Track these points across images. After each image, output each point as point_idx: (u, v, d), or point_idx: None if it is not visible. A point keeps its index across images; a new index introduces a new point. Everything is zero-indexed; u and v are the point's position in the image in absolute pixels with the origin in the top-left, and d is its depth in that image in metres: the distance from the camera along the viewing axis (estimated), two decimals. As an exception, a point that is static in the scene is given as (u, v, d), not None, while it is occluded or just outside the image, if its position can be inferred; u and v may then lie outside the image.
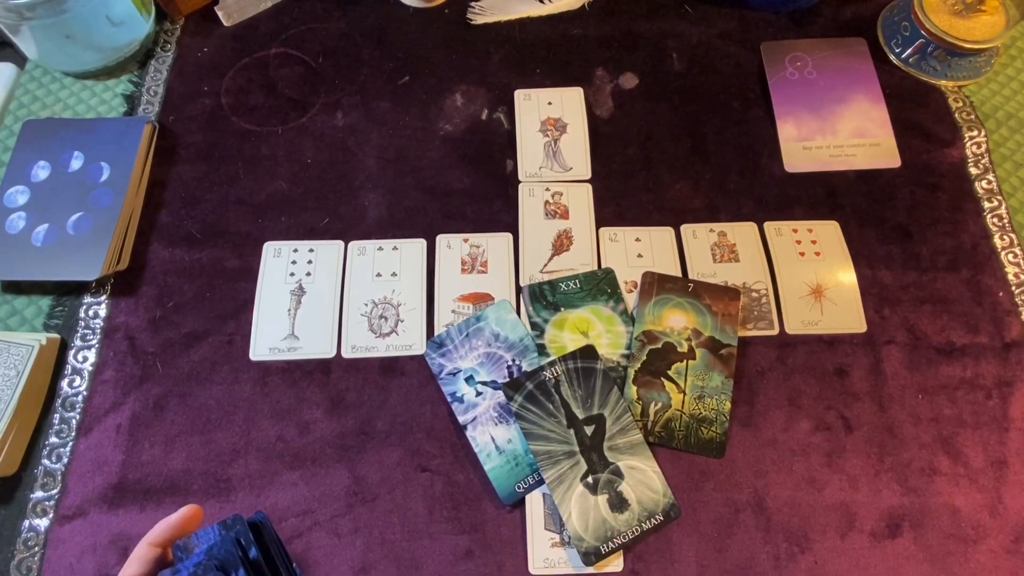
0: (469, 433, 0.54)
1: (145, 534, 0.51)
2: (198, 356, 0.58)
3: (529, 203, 0.64)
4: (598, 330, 0.58)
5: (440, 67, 0.72)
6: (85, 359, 0.58)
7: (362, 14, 0.76)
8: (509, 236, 0.63)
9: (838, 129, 0.68)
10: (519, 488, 0.52)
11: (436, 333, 0.58)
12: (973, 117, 0.69)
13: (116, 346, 0.58)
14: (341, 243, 0.63)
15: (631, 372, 0.56)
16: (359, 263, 0.61)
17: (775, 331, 0.59)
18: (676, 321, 0.58)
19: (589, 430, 0.53)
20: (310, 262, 0.61)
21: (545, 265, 0.61)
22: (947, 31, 0.68)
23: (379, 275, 0.61)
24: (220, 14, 0.74)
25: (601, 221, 0.64)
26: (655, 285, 0.60)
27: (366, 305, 0.60)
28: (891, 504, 0.53)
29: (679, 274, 0.61)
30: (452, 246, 0.62)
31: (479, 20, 0.75)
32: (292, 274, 0.61)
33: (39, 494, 0.53)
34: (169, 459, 0.54)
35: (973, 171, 0.67)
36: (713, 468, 0.54)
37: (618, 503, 0.51)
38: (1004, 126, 0.69)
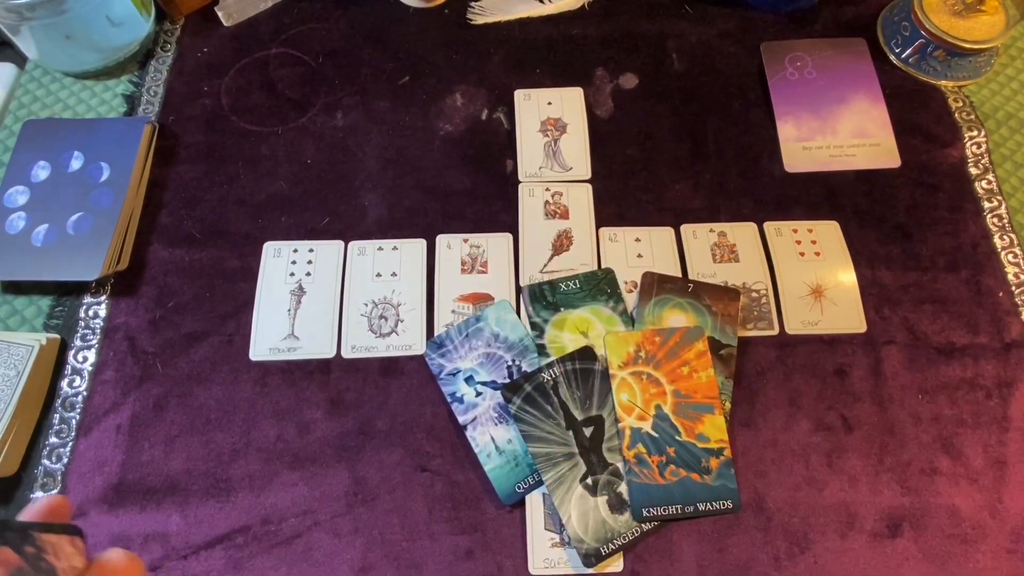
0: (469, 433, 0.54)
1: (145, 534, 0.51)
2: (198, 356, 0.58)
3: (529, 203, 0.64)
4: (598, 331, 0.58)
5: (440, 67, 0.72)
6: (85, 359, 0.58)
7: (362, 14, 0.76)
8: (509, 236, 0.63)
9: (838, 129, 0.68)
10: (519, 488, 0.53)
11: (436, 333, 0.58)
12: (973, 117, 0.69)
13: (116, 346, 0.58)
14: (341, 243, 0.63)
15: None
16: (359, 263, 0.61)
17: (775, 331, 0.59)
18: (676, 322, 0.58)
19: (588, 431, 0.53)
20: (310, 262, 0.61)
21: (545, 265, 0.61)
22: (947, 31, 0.68)
23: (379, 275, 0.61)
24: (220, 14, 0.74)
25: (601, 221, 0.64)
26: (655, 285, 0.60)
27: (366, 305, 0.60)
28: (891, 504, 0.53)
29: (679, 274, 0.61)
30: (452, 246, 0.62)
31: (479, 20, 0.75)
32: (292, 274, 0.61)
33: (39, 494, 0.53)
34: (169, 459, 0.54)
35: (973, 171, 0.67)
36: (713, 468, 0.54)
37: (618, 504, 0.51)
38: (1004, 126, 0.69)
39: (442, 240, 0.63)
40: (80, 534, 0.33)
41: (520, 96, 0.70)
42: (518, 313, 0.59)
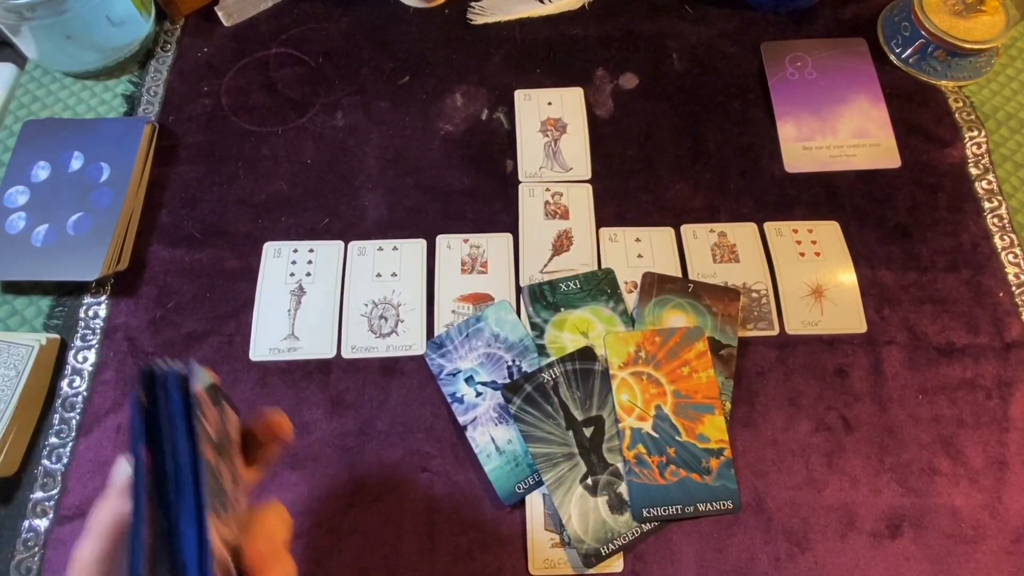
0: (469, 433, 0.54)
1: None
2: (198, 356, 0.58)
3: (529, 203, 0.64)
4: (598, 331, 0.58)
5: (440, 67, 0.72)
6: (85, 359, 0.58)
7: (362, 14, 0.76)
8: (509, 236, 0.63)
9: (838, 129, 0.68)
10: (519, 488, 0.53)
11: (436, 333, 0.58)
12: (973, 117, 0.69)
13: (116, 346, 0.58)
14: (341, 243, 0.63)
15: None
16: (359, 263, 0.61)
17: (775, 331, 0.59)
18: (676, 322, 0.58)
19: (588, 432, 0.53)
20: (310, 262, 0.61)
21: (545, 265, 0.61)
22: (947, 31, 0.68)
23: (379, 275, 0.61)
24: (220, 14, 0.74)
25: (601, 221, 0.64)
26: (655, 285, 0.60)
27: (366, 305, 0.60)
28: (891, 504, 0.53)
29: (679, 274, 0.61)
30: (452, 246, 0.62)
31: (479, 20, 0.75)
32: (292, 274, 0.61)
33: (39, 494, 0.53)
34: (169, 459, 0.54)
35: (973, 171, 0.67)
36: (713, 468, 0.54)
37: (618, 504, 0.51)
38: (1004, 126, 0.69)
39: (442, 240, 0.63)
40: (237, 410, 0.36)
41: (520, 96, 0.70)
42: (518, 313, 0.59)
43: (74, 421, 0.55)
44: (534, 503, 0.52)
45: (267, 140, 0.68)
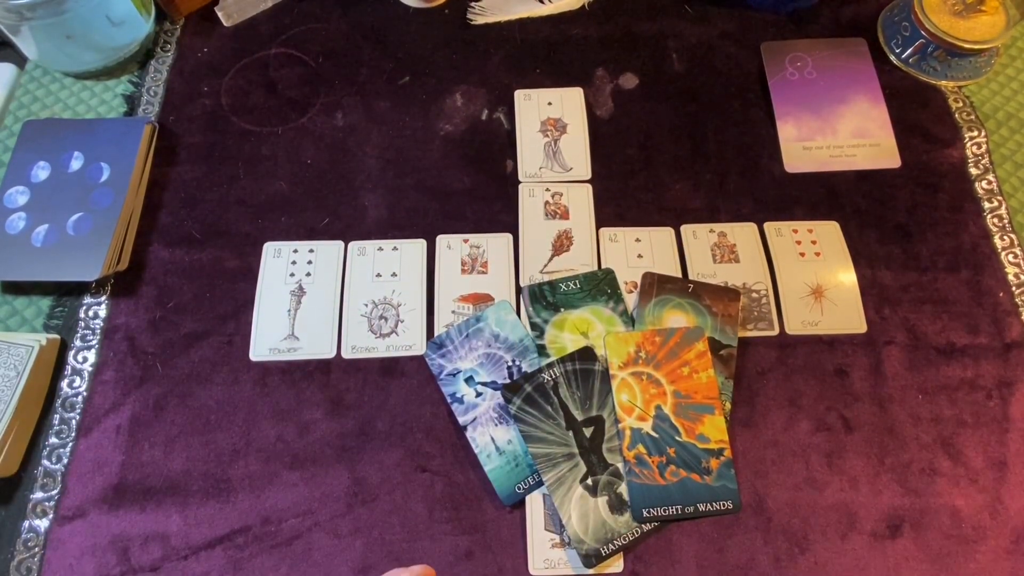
0: (469, 434, 0.54)
1: (145, 534, 0.51)
2: (198, 356, 0.58)
3: (529, 203, 0.64)
4: (598, 331, 0.58)
5: (440, 67, 0.72)
6: (85, 359, 0.58)
7: (362, 14, 0.76)
8: (509, 236, 0.63)
9: (838, 129, 0.68)
10: (519, 489, 0.53)
11: (436, 334, 0.58)
12: (973, 117, 0.69)
13: (116, 346, 0.58)
14: (341, 243, 0.63)
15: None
16: (359, 263, 0.61)
17: (775, 331, 0.59)
18: (676, 322, 0.58)
19: (588, 432, 0.53)
20: (310, 262, 0.61)
21: (545, 265, 0.61)
22: (947, 31, 0.68)
23: (379, 275, 0.61)
24: (220, 14, 0.74)
25: (601, 221, 0.64)
26: (655, 286, 0.60)
27: (366, 305, 0.60)
28: (891, 504, 0.53)
29: (679, 275, 0.61)
30: (452, 246, 0.62)
31: (479, 20, 0.75)
32: (292, 274, 0.61)
33: (39, 495, 0.53)
34: (169, 460, 0.54)
35: (973, 171, 0.67)
36: (713, 469, 0.54)
37: (618, 505, 0.51)
38: (1004, 126, 0.69)
39: (442, 240, 0.63)
40: None
41: (520, 96, 0.70)
42: (518, 313, 0.59)
43: (74, 421, 0.55)
44: (534, 503, 0.52)
45: (267, 140, 0.68)
